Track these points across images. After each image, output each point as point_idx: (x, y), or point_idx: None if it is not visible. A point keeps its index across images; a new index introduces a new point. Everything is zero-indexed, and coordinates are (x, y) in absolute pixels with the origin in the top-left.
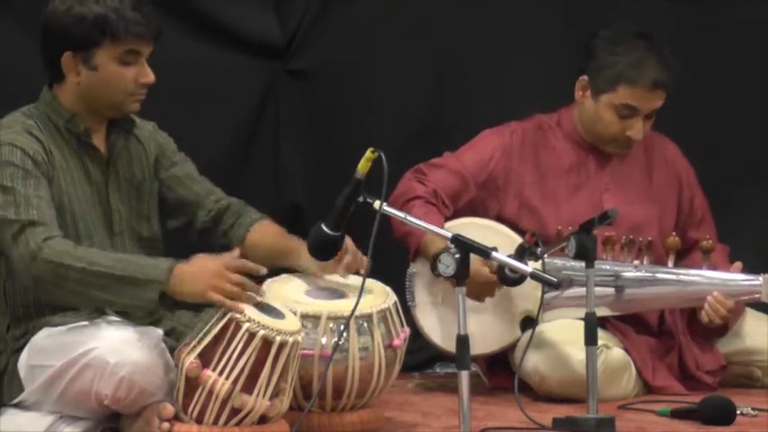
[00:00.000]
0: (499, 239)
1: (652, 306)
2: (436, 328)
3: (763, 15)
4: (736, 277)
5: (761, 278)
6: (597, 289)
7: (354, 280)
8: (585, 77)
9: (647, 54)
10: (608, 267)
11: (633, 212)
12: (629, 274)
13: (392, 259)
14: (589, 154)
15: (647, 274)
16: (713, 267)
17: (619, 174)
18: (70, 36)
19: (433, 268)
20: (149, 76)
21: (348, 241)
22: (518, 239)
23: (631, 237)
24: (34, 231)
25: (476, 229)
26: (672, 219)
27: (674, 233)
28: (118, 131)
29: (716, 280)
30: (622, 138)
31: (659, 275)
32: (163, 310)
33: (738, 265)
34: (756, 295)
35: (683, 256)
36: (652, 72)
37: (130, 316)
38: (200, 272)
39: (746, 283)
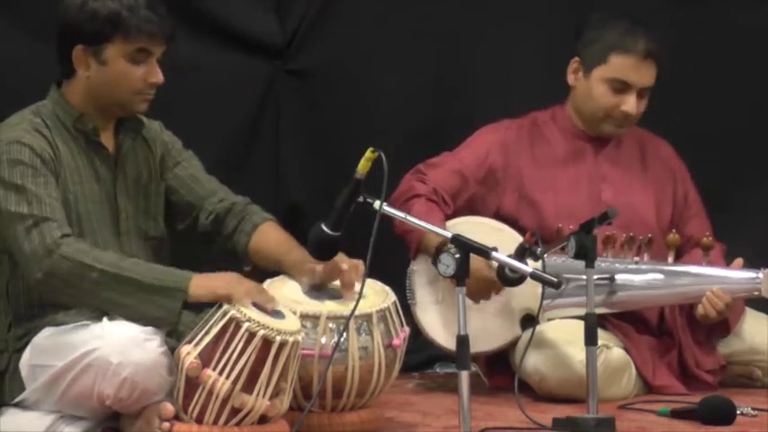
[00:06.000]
0: (498, 235)
1: (653, 303)
2: (436, 326)
3: (764, 15)
4: (735, 273)
5: (761, 273)
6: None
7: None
8: (577, 58)
9: (635, 26)
10: (605, 265)
11: (631, 200)
12: (625, 274)
13: (392, 259)
14: (585, 144)
15: (647, 270)
16: (712, 264)
17: (615, 163)
18: (82, 30)
19: (435, 262)
20: (158, 77)
21: (340, 262)
22: (516, 235)
23: (632, 234)
24: (50, 227)
25: (474, 226)
26: (669, 208)
27: (673, 230)
28: (126, 131)
29: (716, 276)
30: (617, 114)
31: (659, 272)
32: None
33: (739, 261)
34: (756, 293)
35: (681, 252)
36: (643, 41)
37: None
38: (218, 275)
39: (746, 278)
